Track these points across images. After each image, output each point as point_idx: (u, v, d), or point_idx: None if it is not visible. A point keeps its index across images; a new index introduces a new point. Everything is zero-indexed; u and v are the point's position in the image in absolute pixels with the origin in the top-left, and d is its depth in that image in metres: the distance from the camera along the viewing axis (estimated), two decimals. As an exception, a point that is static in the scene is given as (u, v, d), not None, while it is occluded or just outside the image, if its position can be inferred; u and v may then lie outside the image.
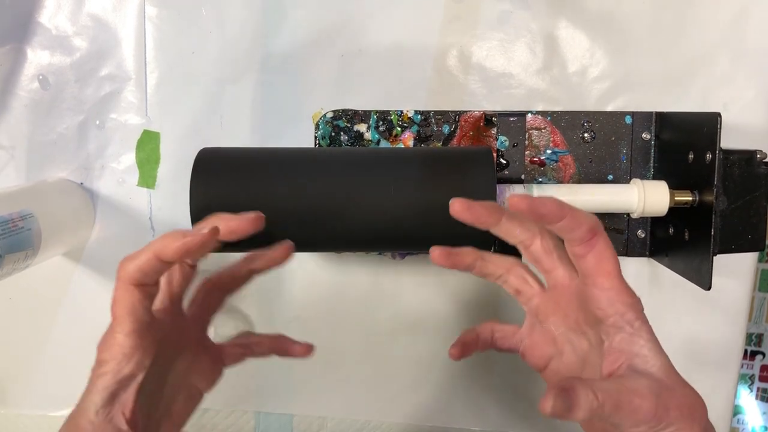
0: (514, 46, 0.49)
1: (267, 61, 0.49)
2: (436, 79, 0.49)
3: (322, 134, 0.48)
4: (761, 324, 1.42)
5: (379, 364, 0.52)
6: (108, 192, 0.51)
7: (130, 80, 0.50)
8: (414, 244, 0.41)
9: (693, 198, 0.42)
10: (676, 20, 0.48)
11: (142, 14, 0.49)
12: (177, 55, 0.50)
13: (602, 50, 0.49)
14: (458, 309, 0.51)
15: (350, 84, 0.49)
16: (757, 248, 0.43)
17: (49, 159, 0.51)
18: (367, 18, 0.49)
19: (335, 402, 0.53)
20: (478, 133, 0.47)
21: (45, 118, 0.50)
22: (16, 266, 0.42)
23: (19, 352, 0.53)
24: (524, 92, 0.49)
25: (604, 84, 0.49)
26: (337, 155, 0.41)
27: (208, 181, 0.39)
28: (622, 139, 0.47)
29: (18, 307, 0.53)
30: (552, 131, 0.47)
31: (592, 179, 0.48)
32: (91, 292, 0.52)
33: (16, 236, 0.41)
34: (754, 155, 0.41)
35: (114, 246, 0.51)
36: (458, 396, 0.52)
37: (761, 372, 1.44)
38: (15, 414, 0.54)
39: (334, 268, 0.51)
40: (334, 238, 0.40)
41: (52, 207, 0.47)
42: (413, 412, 0.52)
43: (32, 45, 0.50)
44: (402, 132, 0.48)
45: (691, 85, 0.48)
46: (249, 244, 0.40)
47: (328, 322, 0.52)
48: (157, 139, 0.50)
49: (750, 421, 1.45)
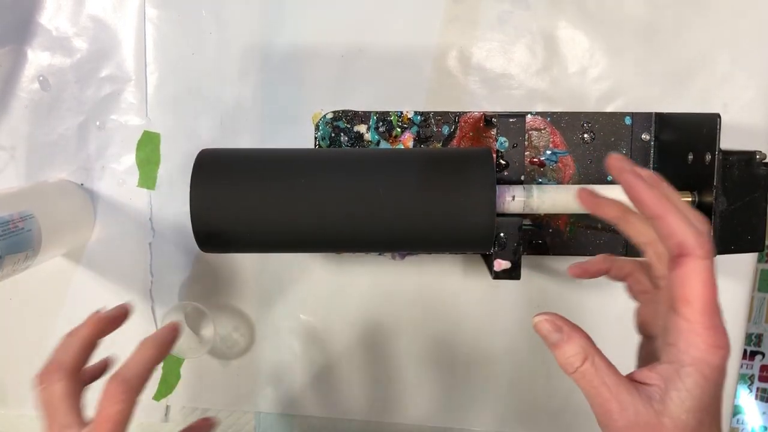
0: (514, 46, 0.49)
1: (267, 61, 0.50)
2: (436, 79, 0.49)
3: (321, 135, 0.48)
4: (761, 324, 1.42)
5: (379, 364, 0.52)
6: (108, 193, 0.51)
7: (130, 81, 0.50)
8: (414, 245, 0.41)
9: (693, 199, 0.42)
10: (676, 20, 0.48)
11: (142, 15, 0.49)
12: (177, 56, 0.50)
13: (602, 50, 0.49)
14: (458, 309, 0.51)
15: (350, 84, 0.49)
16: (757, 248, 0.43)
17: (49, 160, 0.51)
18: (367, 18, 0.49)
19: (336, 402, 0.53)
20: (478, 133, 0.47)
21: (45, 119, 0.50)
22: (17, 267, 0.42)
23: (19, 352, 0.53)
24: (524, 93, 0.49)
25: (603, 84, 0.49)
26: (337, 156, 0.41)
27: (208, 181, 0.39)
28: (622, 140, 0.47)
29: (18, 308, 0.53)
30: (552, 132, 0.47)
31: (592, 180, 0.48)
32: (91, 292, 0.52)
33: (17, 237, 0.41)
34: (754, 156, 0.41)
35: (114, 246, 0.51)
36: (458, 396, 0.52)
37: (761, 372, 1.44)
38: (15, 414, 0.54)
39: (334, 268, 0.51)
40: (334, 239, 0.40)
41: (53, 208, 0.47)
42: (413, 412, 0.52)
43: (32, 46, 0.50)
44: (402, 133, 0.48)
45: (691, 85, 0.49)
46: (249, 245, 0.40)
47: (328, 322, 0.52)
48: (158, 139, 0.50)
49: (749, 421, 1.45)
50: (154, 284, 0.52)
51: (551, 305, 0.51)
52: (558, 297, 0.51)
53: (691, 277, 0.27)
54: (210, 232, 0.39)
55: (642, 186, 0.28)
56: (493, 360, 0.52)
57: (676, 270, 0.27)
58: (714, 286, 0.27)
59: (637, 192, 0.28)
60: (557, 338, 0.30)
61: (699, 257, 0.27)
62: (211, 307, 0.52)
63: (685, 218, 0.28)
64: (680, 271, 0.27)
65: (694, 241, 0.27)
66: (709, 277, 0.27)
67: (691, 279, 0.27)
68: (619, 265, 0.36)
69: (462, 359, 0.52)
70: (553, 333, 0.30)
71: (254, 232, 0.39)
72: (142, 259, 0.51)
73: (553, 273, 0.51)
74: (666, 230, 0.28)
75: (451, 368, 0.52)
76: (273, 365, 0.52)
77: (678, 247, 0.27)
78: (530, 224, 0.48)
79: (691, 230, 0.27)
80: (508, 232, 0.42)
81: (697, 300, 0.27)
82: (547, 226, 0.48)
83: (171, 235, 0.51)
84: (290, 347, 0.52)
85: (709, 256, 0.27)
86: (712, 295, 0.27)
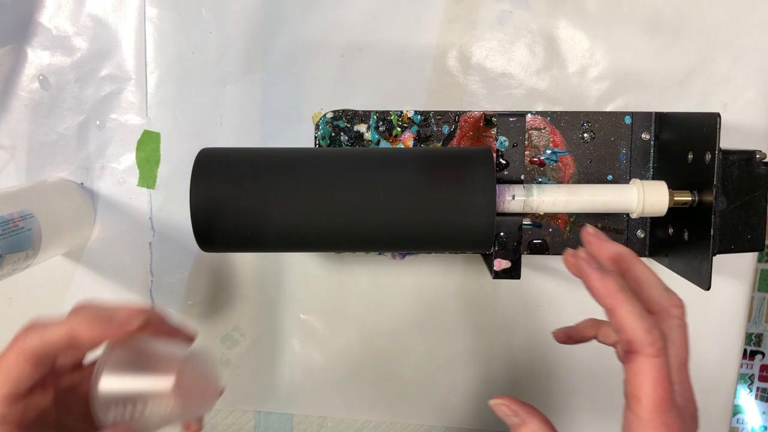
0: (514, 46, 0.49)
1: (267, 61, 0.50)
2: (436, 79, 0.49)
3: (322, 134, 0.48)
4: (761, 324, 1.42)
5: (379, 364, 0.52)
6: (108, 192, 0.51)
7: (130, 80, 0.50)
8: (414, 245, 0.41)
9: (692, 198, 0.42)
10: (676, 20, 0.48)
11: (143, 14, 0.49)
12: (177, 56, 0.50)
13: (602, 50, 0.49)
14: (458, 309, 0.51)
15: (350, 84, 0.49)
16: (757, 248, 0.43)
17: (49, 159, 0.51)
18: (367, 18, 0.49)
19: (335, 402, 0.53)
20: (478, 133, 0.47)
21: (45, 118, 0.50)
22: (17, 266, 0.42)
23: (19, 352, 0.53)
24: (524, 92, 0.49)
25: (603, 84, 0.49)
26: (337, 155, 0.41)
27: (208, 181, 0.39)
28: (622, 139, 0.47)
29: (18, 307, 0.53)
30: (552, 131, 0.47)
31: (592, 179, 0.48)
32: (91, 292, 0.52)
33: (17, 236, 0.41)
34: (754, 155, 0.41)
35: (114, 246, 0.51)
36: (458, 396, 0.52)
37: (761, 372, 1.44)
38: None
39: (334, 268, 0.51)
40: (333, 238, 0.40)
41: (53, 207, 0.47)
42: (413, 412, 0.52)
43: (32, 45, 0.50)
44: (402, 132, 0.48)
45: (691, 85, 0.49)
46: (249, 245, 0.40)
47: (328, 322, 0.52)
48: (158, 139, 0.50)
49: (749, 421, 1.45)
50: (154, 284, 0.52)
51: (551, 305, 0.51)
52: (557, 297, 0.51)
53: (639, 374, 0.26)
54: (210, 232, 0.39)
55: (592, 275, 0.28)
56: (493, 360, 0.52)
57: (627, 365, 0.27)
58: (667, 383, 0.26)
59: (588, 282, 0.28)
60: (515, 422, 0.30)
61: (648, 355, 0.26)
62: (212, 306, 0.52)
63: (638, 312, 0.27)
64: (630, 367, 0.27)
65: (643, 337, 0.26)
66: (660, 375, 0.26)
67: (639, 377, 0.26)
68: (605, 332, 0.36)
69: (462, 359, 0.52)
70: (511, 416, 0.31)
71: (254, 232, 0.39)
72: (142, 259, 0.51)
73: (553, 273, 0.51)
74: (616, 324, 0.27)
75: (450, 368, 0.52)
76: (273, 365, 0.52)
77: (627, 343, 0.27)
78: (530, 223, 0.48)
79: (641, 326, 0.26)
80: (508, 232, 0.42)
81: (646, 398, 0.26)
82: (547, 225, 0.48)
83: (171, 234, 0.51)
84: (290, 347, 0.52)
85: (660, 353, 0.26)
86: (662, 393, 0.26)
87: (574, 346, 0.51)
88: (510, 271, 0.42)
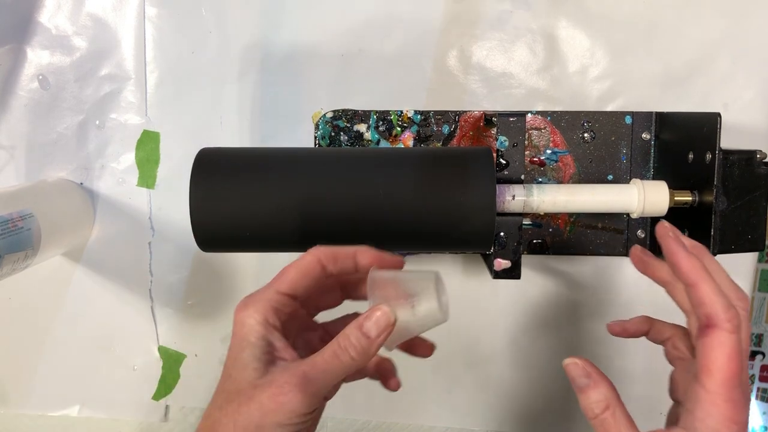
0: (514, 45, 0.49)
1: (267, 61, 0.49)
2: (436, 79, 0.49)
3: (321, 134, 0.48)
4: (761, 324, 1.42)
5: (379, 364, 0.52)
6: (108, 192, 0.51)
7: (129, 80, 0.50)
8: (414, 245, 0.41)
9: (693, 198, 0.42)
10: (676, 20, 0.48)
11: (142, 14, 0.49)
12: (177, 55, 0.50)
13: (602, 50, 0.49)
14: (458, 309, 0.51)
15: (350, 84, 0.49)
16: (757, 248, 0.43)
17: (49, 159, 0.51)
18: (367, 18, 0.49)
19: (335, 402, 0.53)
20: (478, 133, 0.47)
21: (45, 118, 0.50)
22: (16, 266, 0.42)
23: (19, 352, 0.53)
24: (524, 92, 0.49)
25: (604, 84, 0.49)
26: (337, 155, 0.41)
27: (207, 181, 0.39)
28: (622, 139, 0.47)
29: (18, 307, 0.53)
30: (552, 131, 0.47)
31: (592, 179, 0.48)
32: (91, 292, 0.52)
33: (16, 236, 0.41)
34: (754, 155, 0.41)
35: (114, 246, 0.51)
36: (458, 396, 0.52)
37: (761, 372, 1.44)
38: (15, 414, 0.54)
39: (334, 268, 0.51)
40: (334, 238, 0.40)
41: (52, 207, 0.47)
42: (413, 412, 0.52)
43: (32, 45, 0.50)
44: (402, 132, 0.48)
45: (691, 85, 0.48)
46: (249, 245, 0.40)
47: (327, 322, 0.52)
48: (157, 139, 0.50)
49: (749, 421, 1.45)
50: (153, 283, 0.52)
51: (551, 305, 0.51)
52: (558, 297, 0.50)
53: (715, 348, 0.27)
54: (210, 232, 0.39)
55: (680, 252, 0.29)
56: (493, 360, 0.51)
57: (702, 339, 0.28)
58: (739, 359, 0.27)
59: (675, 258, 0.29)
60: (584, 383, 0.30)
61: (725, 330, 0.27)
62: (212, 306, 0.52)
63: (718, 290, 0.28)
64: (706, 341, 0.28)
65: (722, 313, 0.27)
66: (734, 351, 0.27)
67: (715, 350, 0.27)
68: (658, 328, 0.36)
69: (462, 359, 0.52)
70: (582, 377, 0.31)
71: (254, 232, 0.39)
72: (142, 259, 0.51)
73: (553, 273, 0.50)
74: (697, 299, 0.28)
75: (451, 368, 0.52)
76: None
77: (706, 317, 0.28)
78: (530, 223, 0.48)
79: (721, 302, 0.28)
80: (508, 232, 0.42)
81: (718, 371, 0.27)
82: (547, 225, 0.48)
83: (171, 234, 0.51)
84: (290, 347, 0.52)
85: (736, 330, 0.27)
86: (735, 368, 0.27)
87: (580, 348, 0.51)
88: (510, 272, 0.42)
